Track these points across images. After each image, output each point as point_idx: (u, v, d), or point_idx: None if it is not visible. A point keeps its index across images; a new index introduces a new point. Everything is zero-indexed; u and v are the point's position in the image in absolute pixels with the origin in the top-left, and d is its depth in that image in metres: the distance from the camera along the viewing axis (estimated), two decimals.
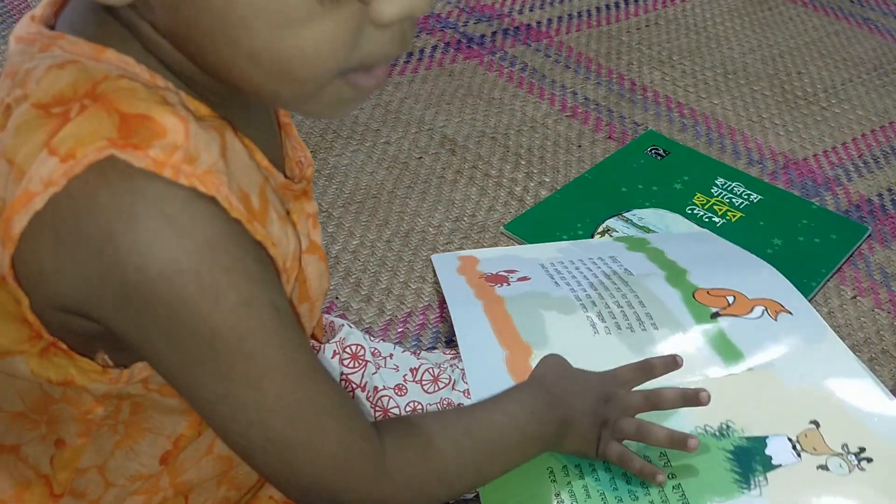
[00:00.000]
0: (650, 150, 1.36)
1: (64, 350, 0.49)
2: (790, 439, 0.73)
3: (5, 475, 0.56)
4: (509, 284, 0.94)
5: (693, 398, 0.69)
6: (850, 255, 1.20)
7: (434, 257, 1.07)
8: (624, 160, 1.34)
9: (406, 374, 0.78)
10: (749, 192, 1.28)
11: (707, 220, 1.21)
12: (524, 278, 0.95)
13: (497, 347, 0.82)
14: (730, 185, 1.29)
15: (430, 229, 1.18)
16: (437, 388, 0.77)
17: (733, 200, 1.26)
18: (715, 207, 1.24)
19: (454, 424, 0.61)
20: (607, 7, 1.81)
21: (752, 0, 1.90)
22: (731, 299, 0.90)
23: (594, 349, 0.83)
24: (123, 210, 0.42)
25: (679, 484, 0.68)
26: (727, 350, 0.84)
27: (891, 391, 0.80)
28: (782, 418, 0.73)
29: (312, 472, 0.51)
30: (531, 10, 1.77)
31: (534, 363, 0.79)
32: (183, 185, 0.43)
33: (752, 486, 0.69)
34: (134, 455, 0.56)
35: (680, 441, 0.67)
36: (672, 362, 0.72)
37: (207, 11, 0.43)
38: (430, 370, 0.79)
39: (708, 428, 0.74)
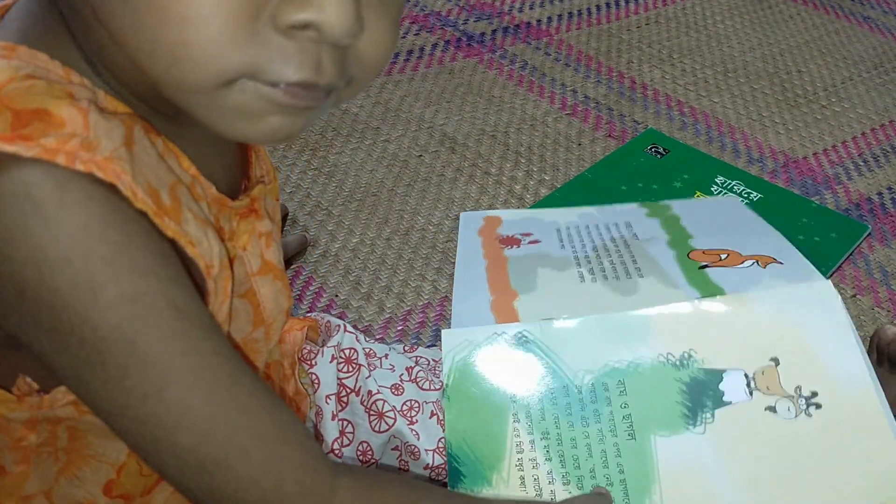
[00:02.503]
0: (650, 149, 1.36)
1: None
2: (746, 375, 0.72)
3: None
4: (519, 247, 0.95)
5: None
6: (850, 254, 1.20)
7: (463, 214, 1.08)
8: (624, 158, 1.34)
9: (402, 374, 0.78)
10: (749, 190, 1.28)
11: None
12: (535, 241, 0.97)
13: (486, 293, 0.84)
14: (730, 183, 1.29)
15: (430, 227, 1.18)
16: (432, 388, 0.77)
17: None
18: None
19: (419, 500, 0.56)
20: (607, 5, 1.81)
21: None
22: (723, 256, 0.90)
23: (577, 295, 0.85)
24: (1, 196, 0.39)
25: (630, 414, 0.70)
26: (708, 289, 0.83)
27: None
28: (745, 351, 0.72)
29: (233, 498, 0.45)
30: (531, 8, 1.77)
31: (517, 306, 0.81)
32: (80, 169, 0.40)
33: (698, 423, 0.69)
34: (79, 482, 0.54)
35: None
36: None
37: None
38: (426, 370, 0.79)
39: (670, 356, 0.74)
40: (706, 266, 0.88)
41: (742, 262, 0.88)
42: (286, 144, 1.31)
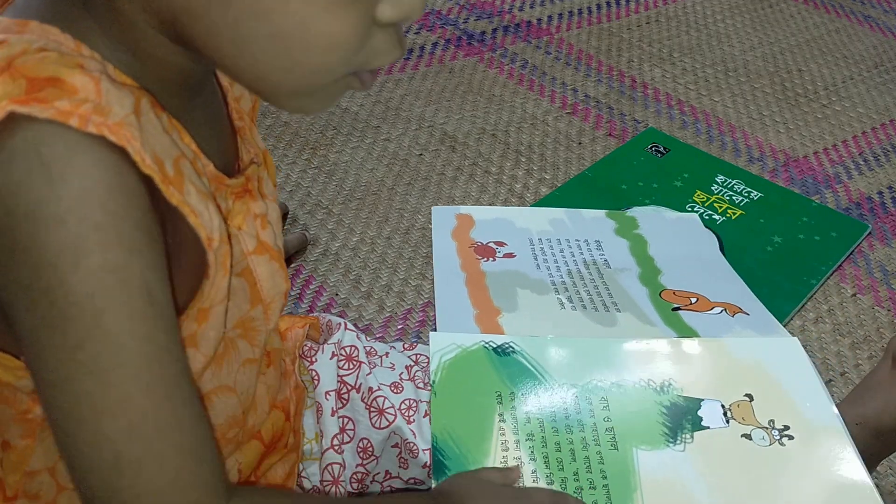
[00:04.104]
0: (650, 148, 1.36)
1: None
2: (723, 406, 0.77)
3: None
4: (494, 260, 1.01)
5: None
6: (851, 253, 1.20)
7: (434, 209, 1.12)
8: (624, 157, 1.34)
9: (402, 373, 0.78)
10: (749, 189, 1.28)
11: (707, 217, 1.21)
12: (510, 255, 1.03)
13: (469, 308, 0.90)
14: (730, 182, 1.29)
15: (431, 226, 1.18)
16: (427, 388, 0.77)
17: (733, 198, 1.26)
18: (715, 205, 1.24)
19: None
20: (608, 4, 1.81)
21: None
22: (693, 300, 0.97)
23: (559, 319, 0.91)
24: (8, 154, 0.41)
25: (612, 427, 0.73)
26: (683, 330, 0.91)
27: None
28: (720, 386, 0.78)
29: (134, 502, 0.44)
30: (531, 7, 1.77)
31: (502, 322, 0.88)
32: (92, 132, 0.41)
33: (678, 441, 0.73)
34: None
35: None
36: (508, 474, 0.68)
37: None
38: (424, 370, 0.79)
39: (651, 382, 0.79)
40: (678, 308, 0.95)
41: (711, 309, 0.96)
42: (286, 143, 1.31)
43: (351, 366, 0.77)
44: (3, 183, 0.41)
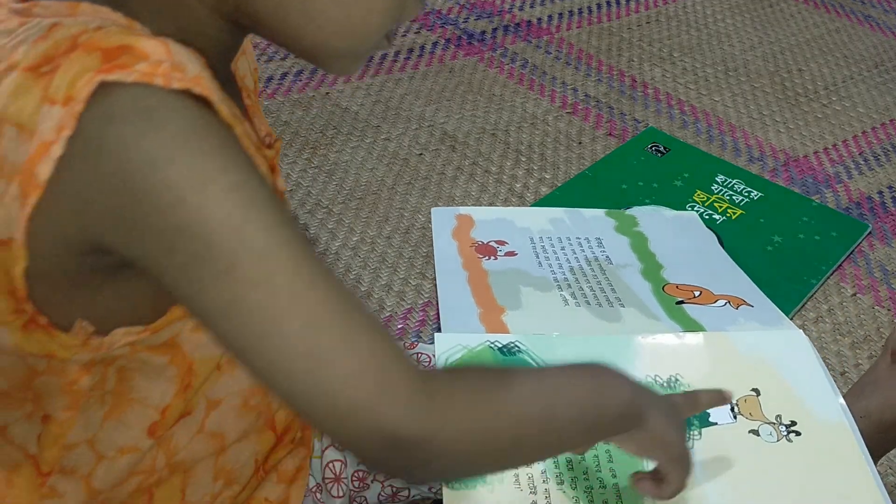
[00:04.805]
0: (650, 147, 1.36)
1: (43, 326, 0.49)
2: (730, 401, 0.77)
3: None
4: (496, 259, 1.01)
5: (721, 398, 0.68)
6: (851, 253, 1.20)
7: (434, 210, 1.12)
8: (624, 157, 1.34)
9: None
10: (749, 189, 1.28)
11: (707, 217, 1.21)
12: (511, 253, 1.03)
13: (473, 307, 0.90)
14: (730, 182, 1.29)
15: (431, 226, 1.18)
16: None
17: (734, 198, 1.26)
18: (715, 205, 1.24)
19: (527, 372, 0.55)
20: (608, 3, 1.81)
21: None
22: (696, 293, 0.98)
23: (564, 316, 0.91)
24: (110, 116, 0.43)
25: None
26: (688, 324, 0.91)
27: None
28: (727, 382, 0.76)
29: (345, 392, 0.44)
30: (531, 7, 1.77)
31: (506, 320, 0.88)
32: (176, 87, 0.43)
33: (686, 438, 0.72)
34: (123, 427, 0.55)
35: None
36: (719, 397, 0.68)
37: None
38: (425, 365, 0.79)
39: (658, 377, 0.79)
40: (682, 302, 0.96)
41: (715, 301, 0.96)
42: (287, 142, 1.31)
43: None
44: (113, 143, 0.43)
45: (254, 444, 0.66)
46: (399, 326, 1.03)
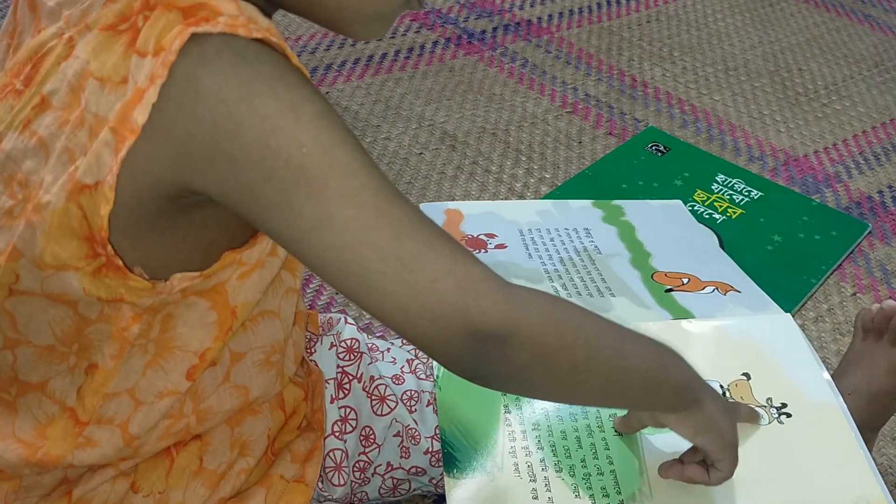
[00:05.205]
0: (651, 147, 1.36)
1: (118, 267, 0.51)
2: (721, 386, 0.79)
3: (27, 416, 0.58)
4: (486, 252, 1.02)
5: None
6: (851, 252, 1.20)
7: (422, 206, 1.14)
8: (624, 156, 1.34)
9: (403, 366, 0.79)
10: (749, 188, 1.28)
11: (707, 216, 1.21)
12: (501, 245, 1.04)
13: None
14: (730, 181, 1.29)
15: None
16: (429, 379, 0.78)
17: (734, 197, 1.26)
18: (715, 204, 1.24)
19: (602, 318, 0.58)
20: (608, 3, 1.81)
21: None
22: (685, 280, 0.99)
23: None
24: (202, 61, 0.47)
25: (616, 413, 0.74)
26: (678, 311, 0.91)
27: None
28: (718, 366, 0.79)
29: (435, 291, 0.48)
30: (531, 6, 1.77)
31: None
32: (256, 36, 0.47)
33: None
34: (163, 373, 0.58)
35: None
36: (755, 416, 0.75)
37: None
38: (425, 363, 0.80)
39: None
40: (671, 290, 0.97)
41: (703, 288, 0.98)
42: None
43: (352, 357, 0.77)
44: (208, 83, 0.46)
45: (268, 418, 0.68)
46: None
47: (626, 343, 0.57)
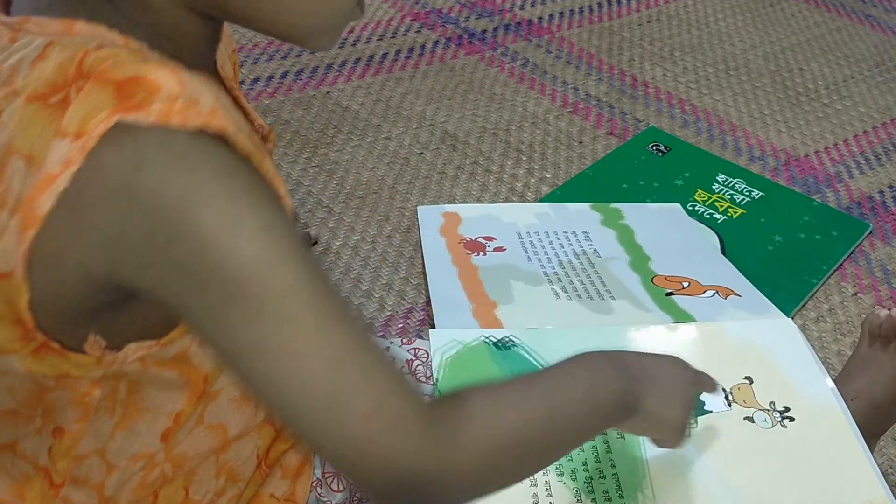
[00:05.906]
0: (651, 147, 1.36)
1: (56, 350, 0.49)
2: (724, 389, 0.78)
3: (3, 474, 0.56)
4: (485, 254, 1.02)
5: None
6: (852, 252, 1.20)
7: (420, 209, 1.12)
8: (625, 156, 1.34)
9: (402, 367, 0.78)
10: (750, 188, 1.28)
11: (708, 216, 1.21)
12: (500, 248, 1.04)
13: (466, 302, 0.92)
14: (731, 181, 1.29)
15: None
16: (429, 382, 0.78)
17: (734, 197, 1.26)
18: (716, 204, 1.24)
19: (512, 384, 0.56)
20: (609, 3, 1.81)
21: None
22: (685, 284, 0.99)
23: (556, 310, 0.92)
24: (137, 163, 0.43)
25: None
26: (679, 315, 0.92)
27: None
28: (721, 370, 0.78)
29: (364, 430, 0.46)
30: (532, 6, 1.77)
31: (499, 315, 0.89)
32: (193, 126, 0.43)
33: (689, 413, 0.73)
34: (134, 436, 0.56)
35: None
36: (712, 384, 0.71)
37: None
38: (425, 364, 0.79)
39: None
40: (672, 293, 0.97)
41: (704, 292, 0.98)
42: (287, 142, 1.31)
43: None
44: (144, 188, 0.43)
45: (255, 439, 0.66)
46: (399, 325, 1.03)
47: (555, 414, 0.54)
